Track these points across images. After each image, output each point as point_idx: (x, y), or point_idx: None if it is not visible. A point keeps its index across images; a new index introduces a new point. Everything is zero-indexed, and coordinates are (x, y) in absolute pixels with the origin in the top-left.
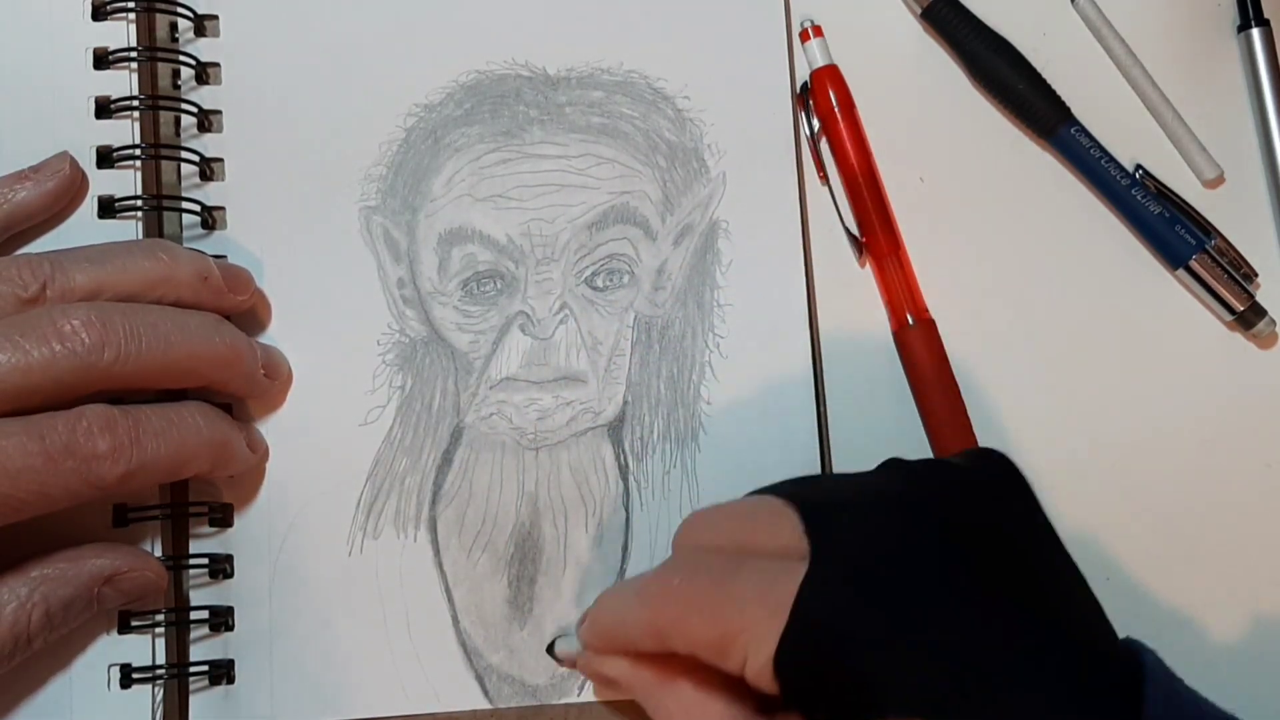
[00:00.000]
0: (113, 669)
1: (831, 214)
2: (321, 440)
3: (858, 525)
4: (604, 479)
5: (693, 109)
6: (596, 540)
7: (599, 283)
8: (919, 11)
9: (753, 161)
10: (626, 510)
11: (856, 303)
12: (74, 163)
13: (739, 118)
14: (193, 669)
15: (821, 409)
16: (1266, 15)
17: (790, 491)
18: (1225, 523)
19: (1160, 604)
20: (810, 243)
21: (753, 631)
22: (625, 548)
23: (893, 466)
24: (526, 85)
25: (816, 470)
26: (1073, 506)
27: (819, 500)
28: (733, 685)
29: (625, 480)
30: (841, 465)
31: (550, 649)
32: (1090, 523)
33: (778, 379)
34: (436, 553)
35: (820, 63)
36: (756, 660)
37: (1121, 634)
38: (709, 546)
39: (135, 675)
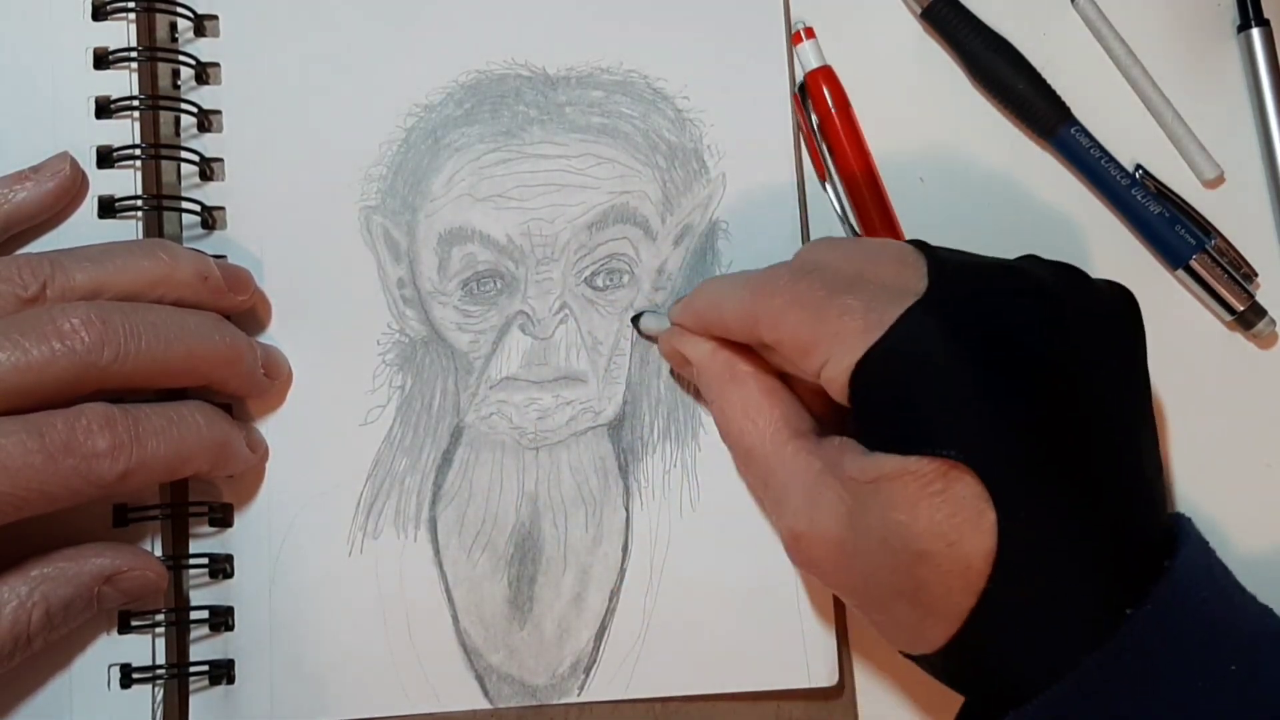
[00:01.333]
0: (113, 669)
1: (831, 214)
2: (321, 440)
3: (981, 287)
4: (604, 479)
5: (692, 109)
6: (596, 540)
7: (599, 282)
8: (919, 11)
9: (752, 162)
10: (626, 510)
11: None
12: (74, 163)
13: (739, 118)
14: (193, 669)
15: None
16: (1266, 15)
17: (924, 245)
18: (1225, 523)
19: None
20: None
21: (845, 337)
22: (625, 547)
23: (1031, 258)
24: (526, 85)
25: None
26: None
27: (950, 257)
28: (796, 402)
29: (625, 480)
30: None
31: (635, 320)
32: None
33: None
34: (436, 553)
35: (814, 65)
36: (839, 365)
37: None
38: (830, 264)
39: (135, 675)
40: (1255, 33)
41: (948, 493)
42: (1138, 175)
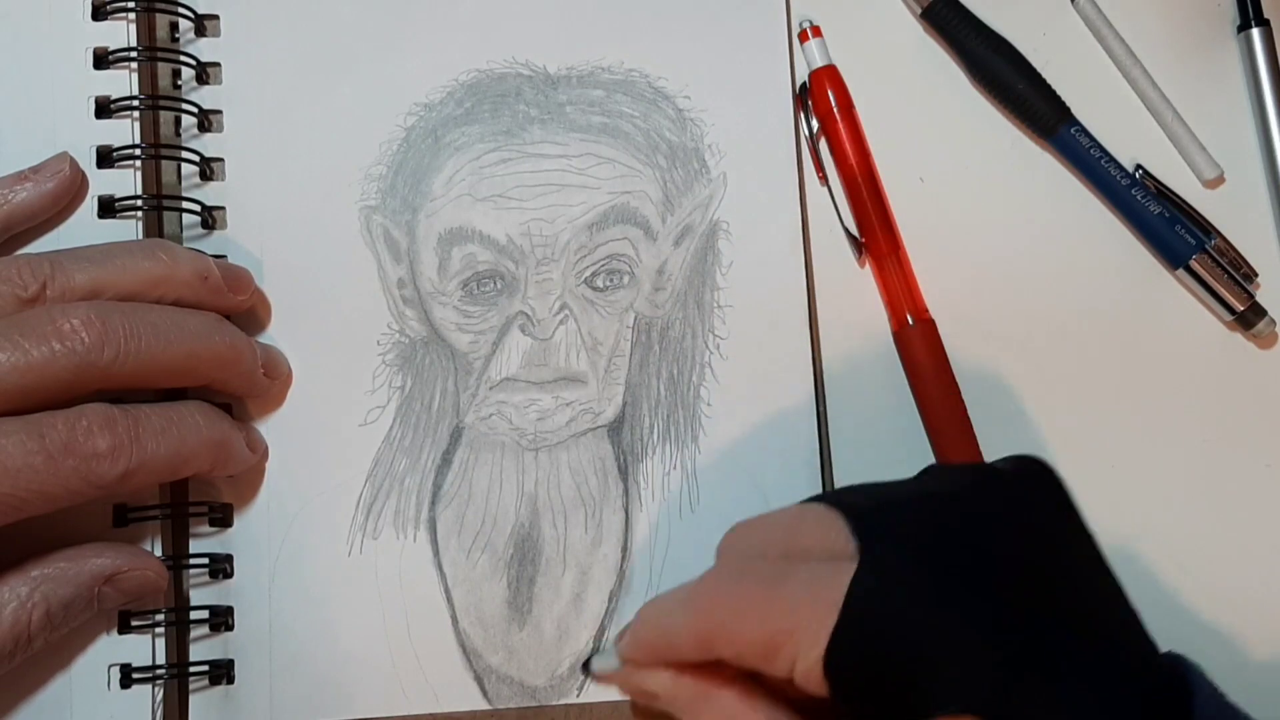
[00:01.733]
0: (113, 669)
1: (831, 214)
2: (321, 440)
3: (904, 524)
4: (603, 480)
5: (693, 109)
6: (596, 541)
7: (599, 283)
8: (919, 11)
9: (753, 162)
10: (626, 511)
11: (856, 303)
12: (74, 164)
13: (740, 118)
14: (193, 669)
15: (821, 410)
16: (1266, 15)
17: (833, 499)
18: (1225, 523)
19: (1161, 604)
20: (810, 243)
21: (803, 631)
22: (625, 548)
23: (933, 471)
24: (527, 84)
25: (816, 472)
26: None
27: (863, 503)
28: (773, 697)
29: (625, 481)
30: (841, 467)
31: (585, 666)
32: (1091, 522)
33: (778, 380)
34: (436, 553)
35: (819, 63)
36: (806, 660)
37: None
38: (755, 553)
39: (135, 675)
40: (1255, 33)
41: None
42: (1138, 175)
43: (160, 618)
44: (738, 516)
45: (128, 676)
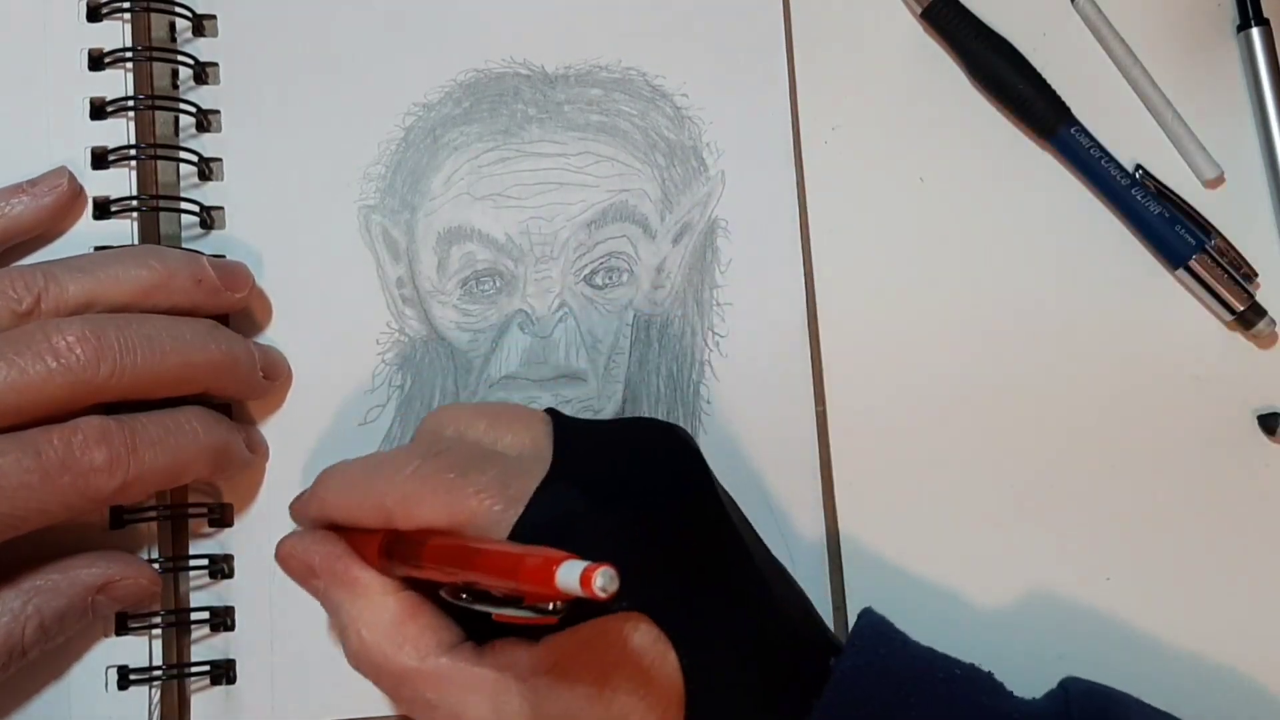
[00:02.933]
0: (110, 670)
1: (831, 214)
2: (321, 439)
3: (598, 445)
4: None
5: (691, 107)
6: None
7: (598, 281)
8: (919, 11)
9: (752, 160)
10: None
11: (857, 299)
12: (72, 178)
13: (738, 116)
14: (193, 669)
15: (820, 407)
16: (1266, 15)
17: (551, 410)
18: (1225, 522)
19: (1162, 604)
20: (810, 241)
21: (485, 521)
22: None
23: (633, 418)
24: (525, 83)
25: (815, 468)
26: (1075, 506)
27: (567, 419)
28: (437, 611)
29: None
30: (842, 462)
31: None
32: (1092, 522)
33: (777, 377)
34: None
35: None
36: None
37: (1126, 635)
38: (454, 436)
39: (133, 677)
40: (1255, 32)
41: (628, 645)
42: (1138, 175)
43: (157, 620)
44: None
45: (125, 678)
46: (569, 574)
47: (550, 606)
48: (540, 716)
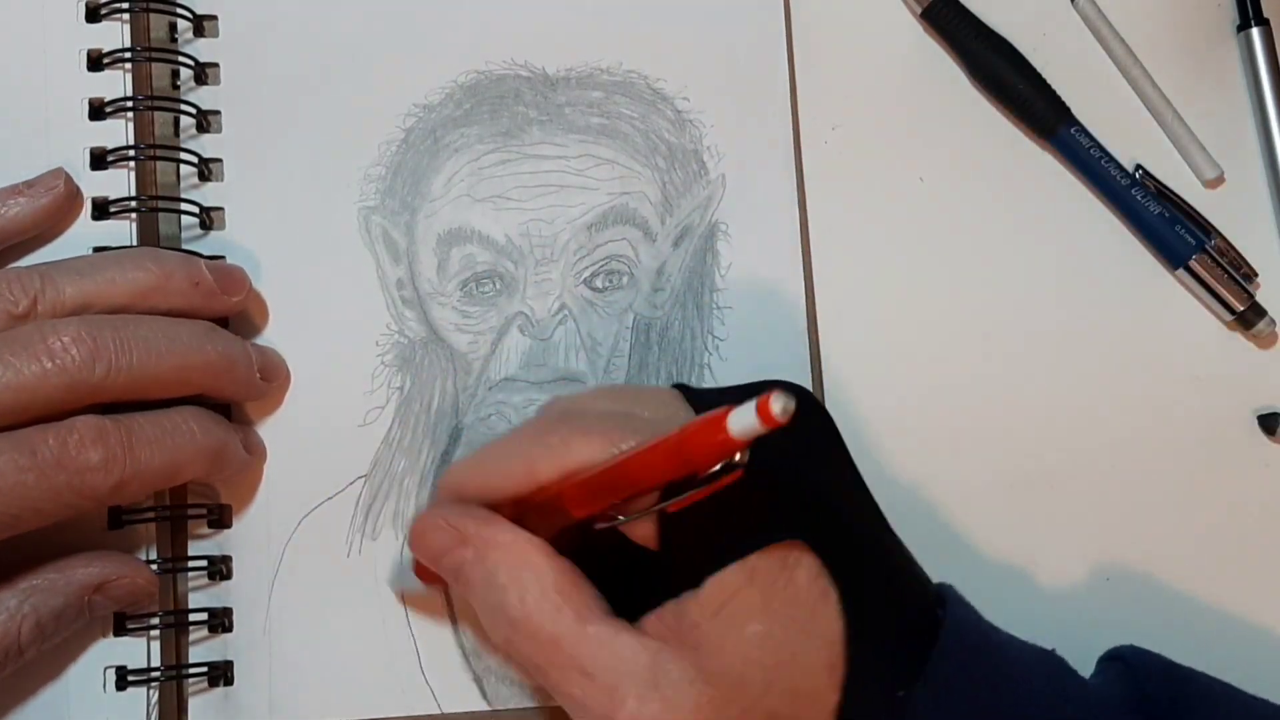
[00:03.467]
0: (108, 671)
1: (831, 214)
2: (320, 441)
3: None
4: None
5: (692, 110)
6: None
7: (598, 284)
8: (919, 11)
9: (752, 164)
10: None
11: (856, 304)
12: (68, 179)
13: (738, 119)
14: (192, 670)
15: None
16: (1266, 15)
17: (681, 385)
18: (1226, 523)
19: (1161, 604)
20: (810, 245)
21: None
22: None
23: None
24: (525, 85)
25: None
26: (1073, 505)
27: (698, 390)
28: (591, 584)
29: None
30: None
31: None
32: (1091, 522)
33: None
34: None
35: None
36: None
37: (1126, 636)
38: (592, 407)
39: (131, 677)
40: (1255, 32)
41: (792, 582)
42: (1138, 175)
43: (155, 620)
44: None
45: (123, 679)
46: (742, 418)
47: (735, 458)
48: (705, 674)
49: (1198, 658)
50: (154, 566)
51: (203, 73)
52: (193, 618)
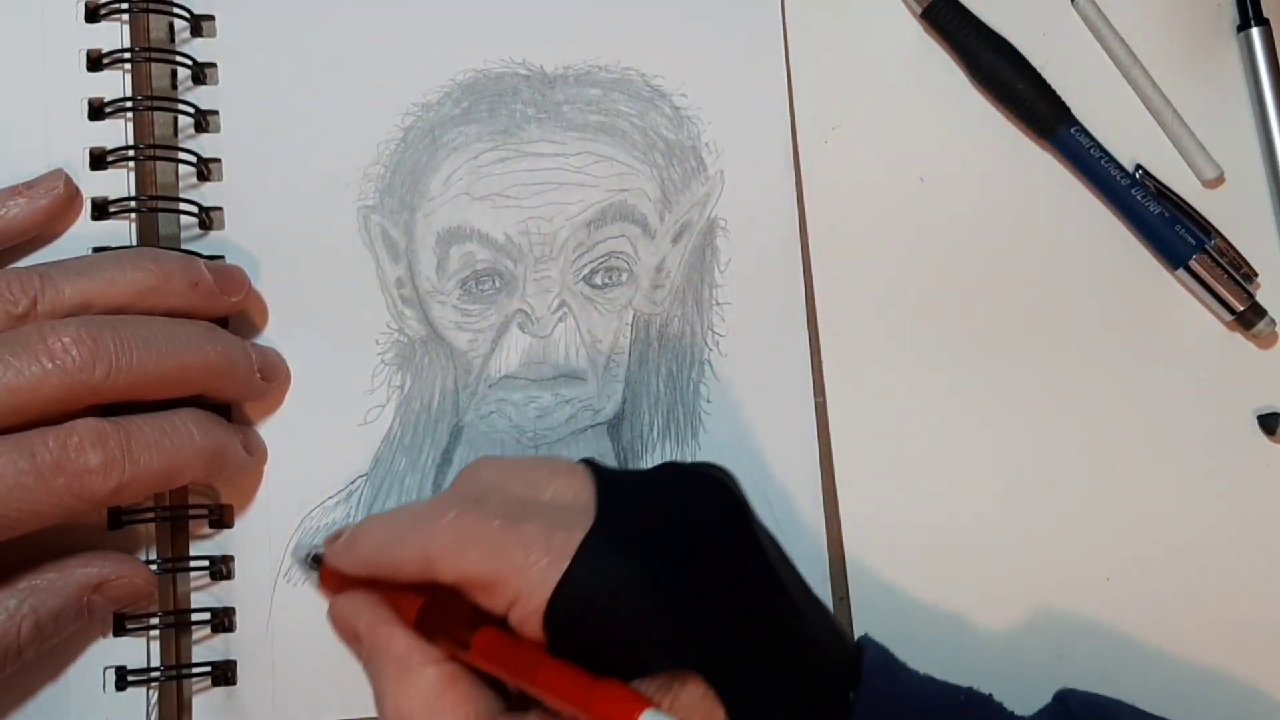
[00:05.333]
0: (108, 671)
1: (831, 214)
2: (321, 440)
3: (639, 498)
4: None
5: (690, 106)
6: None
7: (597, 280)
8: (919, 11)
9: (751, 159)
10: None
11: (856, 298)
12: (68, 180)
13: (737, 116)
14: (194, 670)
15: (820, 405)
16: (1266, 15)
17: (589, 461)
18: (1226, 522)
19: (1162, 604)
20: (809, 240)
21: (530, 574)
22: None
23: (669, 464)
24: (524, 83)
25: (815, 468)
26: (1073, 505)
27: (608, 471)
28: (479, 686)
29: None
30: (842, 463)
31: (312, 559)
32: (1091, 521)
33: (776, 377)
34: None
35: None
36: (529, 604)
37: (1126, 636)
38: (495, 486)
39: (131, 678)
40: (1255, 32)
41: (678, 702)
42: (1138, 175)
43: (155, 620)
44: None
45: (123, 679)
46: None
47: None
48: None
49: (1197, 656)
50: (154, 567)
51: (201, 73)
52: (195, 617)
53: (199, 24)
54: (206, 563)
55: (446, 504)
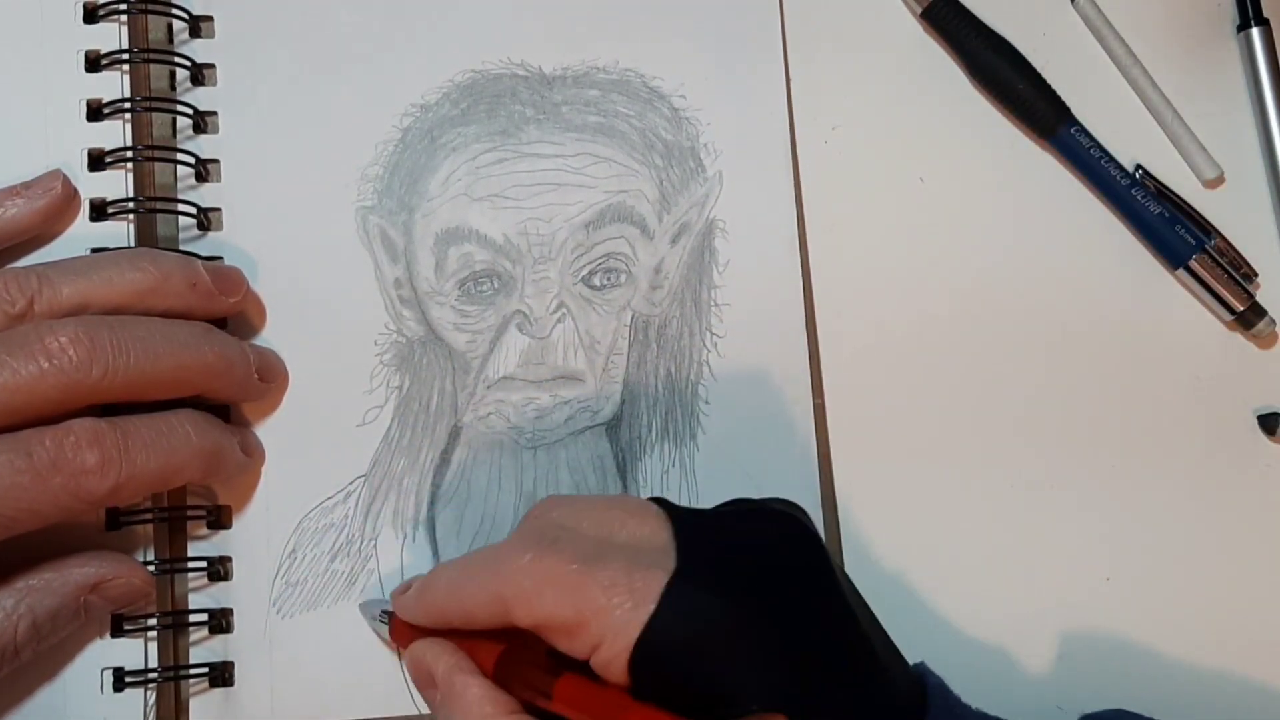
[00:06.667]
0: (105, 673)
1: (831, 214)
2: (319, 441)
3: (722, 535)
4: (602, 478)
5: (689, 107)
6: None
7: (596, 282)
8: (919, 11)
9: (749, 160)
10: None
11: (854, 299)
12: (66, 181)
13: (735, 117)
14: (192, 671)
15: (819, 405)
16: (1266, 15)
17: (660, 500)
18: (1226, 523)
19: (1162, 604)
20: (807, 242)
21: (614, 617)
22: None
23: (739, 501)
24: (522, 84)
25: (814, 469)
26: (1074, 505)
27: (681, 509)
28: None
29: (624, 479)
30: (841, 463)
31: (383, 614)
32: (1092, 522)
33: (775, 378)
34: (435, 552)
35: None
36: (613, 647)
37: (1126, 637)
38: (568, 526)
39: (128, 679)
40: (1255, 32)
41: None
42: (1138, 175)
43: (152, 622)
44: None
45: (120, 680)
46: None
47: None
48: None
49: (1198, 657)
50: (151, 568)
51: (199, 73)
52: (192, 618)
53: (197, 25)
54: (204, 564)
55: (520, 546)
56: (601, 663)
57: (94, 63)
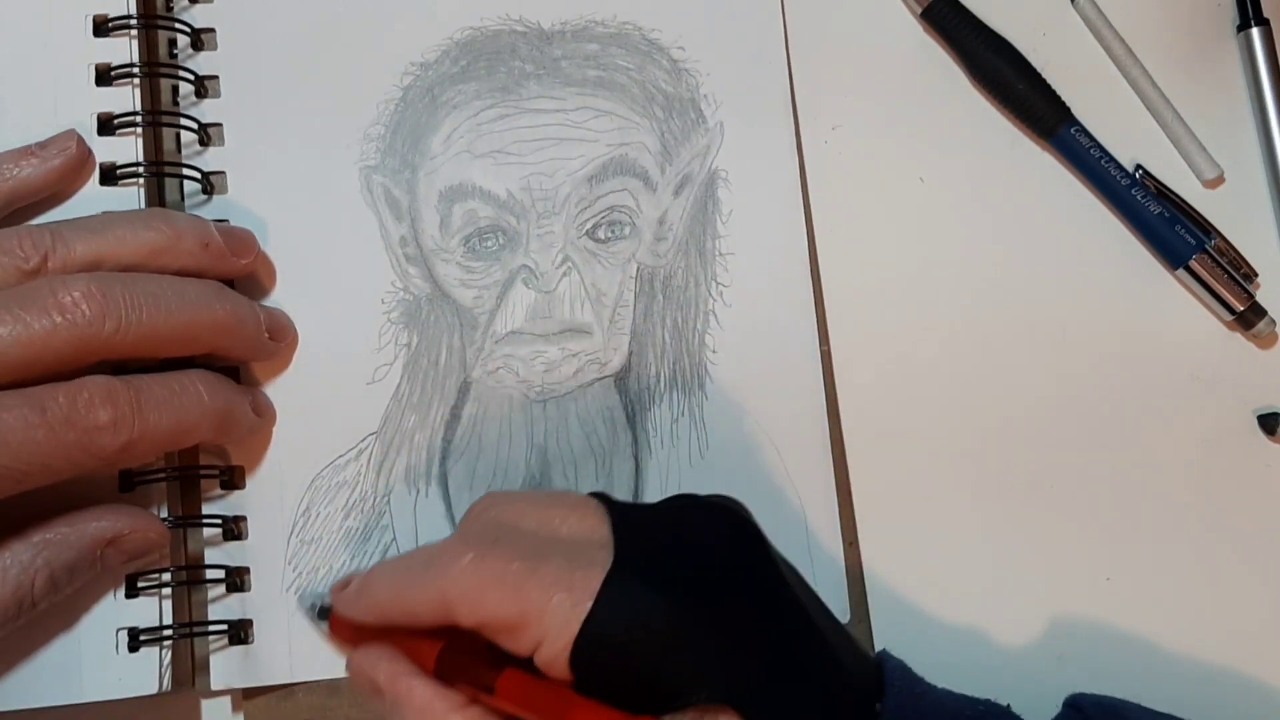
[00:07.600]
0: (120, 633)
1: (831, 214)
2: (330, 400)
3: (653, 529)
4: (612, 429)
5: (688, 59)
6: (607, 490)
7: (600, 235)
8: (919, 11)
9: (749, 111)
10: (636, 460)
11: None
12: (80, 141)
13: (734, 67)
14: (210, 628)
15: (825, 352)
16: (1266, 15)
17: (600, 494)
18: (1226, 522)
19: (1162, 604)
20: (809, 190)
21: (555, 614)
22: (636, 496)
23: (684, 497)
24: (521, 40)
25: (822, 414)
26: (1073, 505)
27: (620, 504)
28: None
29: (633, 429)
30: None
31: (320, 610)
32: (1091, 522)
33: (781, 325)
34: (449, 507)
35: None
36: (554, 644)
37: (1127, 635)
38: (508, 524)
39: (143, 638)
40: (1255, 32)
41: None
42: (1138, 175)
43: (167, 578)
44: (747, 461)
45: (135, 640)
46: None
47: None
48: None
49: (1198, 656)
50: (166, 523)
51: (199, 39)
52: (208, 575)
53: None
54: (219, 521)
55: (461, 546)
56: (545, 660)
57: (101, 27)
